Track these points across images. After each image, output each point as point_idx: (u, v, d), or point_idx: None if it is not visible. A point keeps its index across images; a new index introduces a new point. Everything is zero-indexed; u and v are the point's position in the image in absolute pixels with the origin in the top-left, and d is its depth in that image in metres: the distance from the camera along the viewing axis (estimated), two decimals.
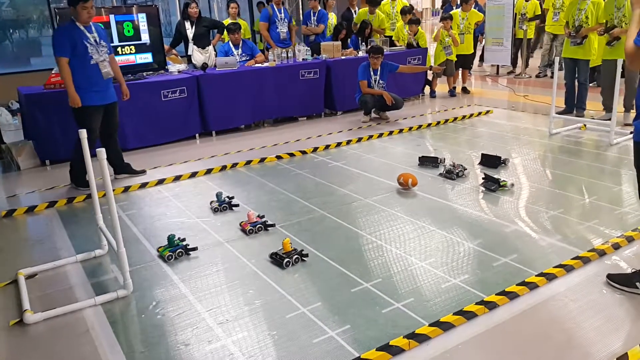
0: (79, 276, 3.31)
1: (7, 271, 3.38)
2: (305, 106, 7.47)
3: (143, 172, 5.23)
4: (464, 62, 8.96)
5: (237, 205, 4.24)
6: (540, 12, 9.93)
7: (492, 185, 4.39)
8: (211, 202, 4.28)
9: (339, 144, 6.06)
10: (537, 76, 10.14)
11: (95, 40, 4.62)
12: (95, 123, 4.75)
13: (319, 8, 8.66)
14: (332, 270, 3.18)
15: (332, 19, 9.17)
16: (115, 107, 4.93)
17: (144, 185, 4.95)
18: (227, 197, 4.32)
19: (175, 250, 3.43)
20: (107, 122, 4.88)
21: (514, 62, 10.53)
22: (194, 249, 3.51)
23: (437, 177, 4.78)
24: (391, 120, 7.16)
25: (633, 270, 2.90)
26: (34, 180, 5.29)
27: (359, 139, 6.24)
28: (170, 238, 3.51)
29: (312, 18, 8.68)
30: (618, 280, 2.87)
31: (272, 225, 3.83)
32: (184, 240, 3.55)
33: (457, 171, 4.74)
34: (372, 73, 7.07)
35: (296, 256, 3.27)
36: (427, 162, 5.14)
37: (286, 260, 3.23)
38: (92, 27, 4.63)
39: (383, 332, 2.55)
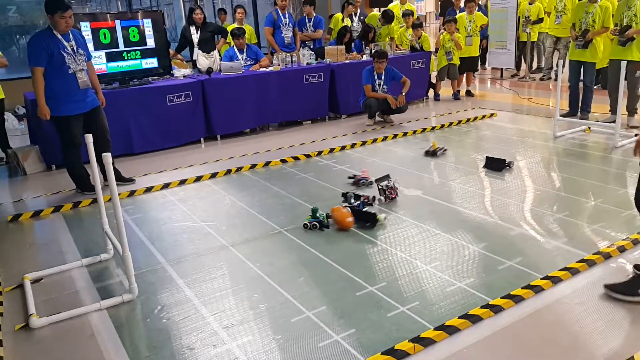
0: (84, 280, 3.32)
1: (13, 275, 3.40)
2: (310, 110, 7.49)
3: (132, 180, 5.12)
4: (471, 64, 8.95)
5: (327, 227, 3.85)
6: (543, 15, 9.91)
7: (367, 223, 3.83)
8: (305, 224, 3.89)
9: (343, 148, 6.06)
10: (540, 79, 10.12)
11: (72, 49, 4.53)
12: (75, 131, 4.67)
13: (314, 14, 8.67)
14: (336, 274, 3.18)
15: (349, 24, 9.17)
16: (98, 111, 4.81)
17: (149, 190, 4.96)
18: (325, 215, 3.92)
19: (311, 221, 3.82)
20: (95, 128, 4.72)
21: (517, 65, 10.52)
22: (327, 226, 3.83)
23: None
24: (395, 124, 7.16)
25: (631, 276, 2.86)
26: (39, 185, 5.31)
27: (364, 143, 6.24)
28: (314, 210, 3.89)
29: (308, 24, 8.69)
30: (618, 289, 2.77)
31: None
32: (328, 217, 3.87)
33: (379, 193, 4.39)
34: (376, 77, 7.07)
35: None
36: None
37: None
38: (69, 35, 4.53)
39: (388, 336, 2.55)
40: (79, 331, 2.77)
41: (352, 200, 4.19)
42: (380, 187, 4.34)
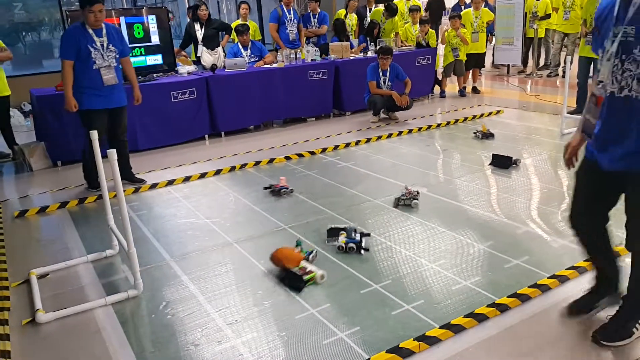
0: (90, 276, 3.33)
1: (20, 271, 3.41)
2: (314, 107, 7.47)
3: (143, 181, 5.09)
4: (477, 61, 8.90)
5: (367, 250, 3.40)
6: (551, 11, 9.85)
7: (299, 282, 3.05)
8: (336, 235, 3.53)
9: (347, 145, 6.05)
10: (548, 76, 10.06)
11: (102, 45, 4.56)
12: (97, 126, 4.60)
13: (319, 10, 8.64)
14: (341, 272, 3.17)
15: (353, 19, 9.15)
16: (122, 111, 4.86)
17: (154, 186, 4.97)
18: (362, 233, 3.52)
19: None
20: (113, 126, 4.83)
21: (524, 62, 10.47)
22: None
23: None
24: (400, 121, 7.14)
25: (610, 317, 2.47)
26: (45, 181, 5.33)
27: (368, 140, 6.22)
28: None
29: (312, 20, 8.66)
30: (613, 337, 2.37)
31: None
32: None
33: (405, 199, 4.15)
34: (381, 74, 7.05)
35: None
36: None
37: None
38: (102, 30, 4.58)
39: (393, 334, 2.54)
40: (84, 326, 2.78)
41: (343, 238, 3.43)
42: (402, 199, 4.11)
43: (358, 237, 3.44)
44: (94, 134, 3.26)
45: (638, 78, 2.06)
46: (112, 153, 2.77)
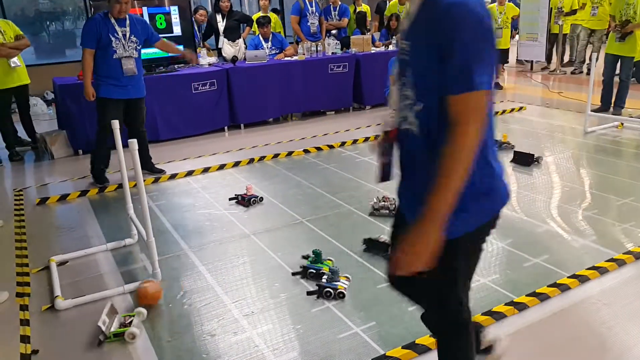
0: (108, 264, 3.37)
1: (40, 258, 3.47)
2: (334, 100, 7.44)
3: (162, 171, 5.12)
4: (500, 57, 8.78)
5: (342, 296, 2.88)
6: (577, 7, 9.65)
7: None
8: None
9: (367, 139, 6.01)
10: (572, 72, 9.88)
11: (124, 35, 4.58)
12: (113, 116, 4.60)
13: (339, 3, 8.58)
14: (358, 266, 3.16)
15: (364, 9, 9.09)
16: (140, 102, 4.86)
17: (173, 177, 5.00)
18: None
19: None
20: (131, 117, 4.84)
21: (548, 58, 10.28)
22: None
23: None
24: None
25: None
26: (66, 169, 5.40)
27: None
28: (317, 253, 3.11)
29: (333, 13, 8.61)
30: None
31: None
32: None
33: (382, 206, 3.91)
34: None
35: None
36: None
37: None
38: (126, 20, 4.60)
39: (409, 330, 2.52)
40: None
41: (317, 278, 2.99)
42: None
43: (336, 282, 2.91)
44: (115, 124, 3.27)
45: (410, 107, 1.54)
46: (133, 143, 2.79)
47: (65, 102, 5.68)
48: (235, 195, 4.33)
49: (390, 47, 7.88)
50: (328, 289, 2.83)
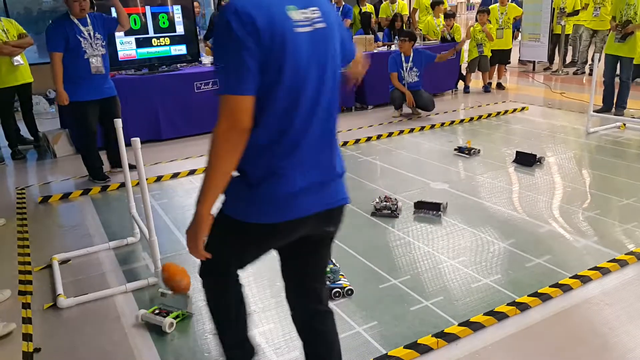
0: (111, 263, 3.38)
1: (42, 256, 3.47)
2: None
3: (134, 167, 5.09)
4: (502, 57, 8.76)
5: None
6: (580, 7, 9.63)
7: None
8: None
9: (369, 139, 6.01)
10: (574, 73, 9.86)
11: (89, 34, 4.53)
12: (91, 118, 4.67)
13: (343, 3, 8.58)
14: (360, 266, 3.16)
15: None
16: (115, 101, 4.79)
17: (175, 176, 5.01)
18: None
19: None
20: (109, 118, 4.63)
21: (550, 59, 10.27)
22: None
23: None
24: (423, 116, 7.07)
25: None
26: (69, 168, 5.41)
27: (390, 134, 6.18)
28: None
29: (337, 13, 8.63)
30: None
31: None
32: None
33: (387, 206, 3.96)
34: (403, 61, 6.90)
35: None
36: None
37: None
38: (87, 19, 4.53)
39: (411, 329, 2.52)
40: (104, 312, 2.81)
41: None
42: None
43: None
44: (118, 122, 3.27)
45: None
46: (136, 141, 2.79)
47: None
48: None
49: (393, 47, 7.88)
50: (336, 290, 2.83)
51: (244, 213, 1.66)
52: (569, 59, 10.64)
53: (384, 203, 3.91)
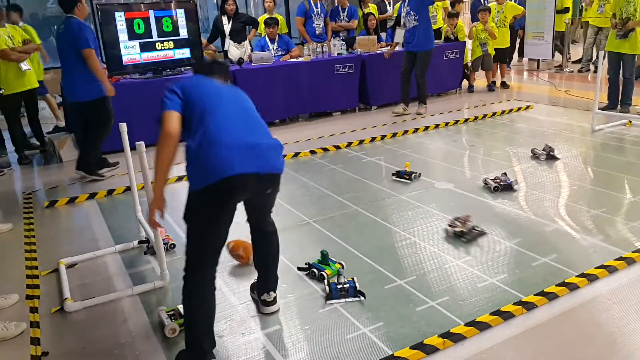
0: (117, 266, 3.39)
1: (49, 260, 3.49)
2: (340, 101, 7.44)
3: (116, 164, 5.45)
4: (501, 56, 8.73)
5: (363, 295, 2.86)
6: (569, 5, 9.58)
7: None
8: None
9: (373, 139, 6.01)
10: (579, 71, 9.83)
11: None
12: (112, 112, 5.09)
13: (348, 4, 8.58)
14: (365, 267, 3.16)
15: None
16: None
17: (180, 179, 5.01)
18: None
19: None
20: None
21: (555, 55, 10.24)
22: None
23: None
24: (427, 115, 7.05)
25: None
26: (75, 172, 5.42)
27: (394, 134, 6.17)
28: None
29: (342, 14, 8.61)
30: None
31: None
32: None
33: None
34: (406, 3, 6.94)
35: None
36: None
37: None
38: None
39: (417, 330, 2.52)
40: (111, 316, 2.83)
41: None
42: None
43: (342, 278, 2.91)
44: (123, 126, 3.29)
45: None
46: (141, 145, 2.80)
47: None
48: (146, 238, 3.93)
49: (397, 48, 7.87)
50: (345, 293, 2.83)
51: (201, 180, 2.26)
52: (574, 57, 10.60)
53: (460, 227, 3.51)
